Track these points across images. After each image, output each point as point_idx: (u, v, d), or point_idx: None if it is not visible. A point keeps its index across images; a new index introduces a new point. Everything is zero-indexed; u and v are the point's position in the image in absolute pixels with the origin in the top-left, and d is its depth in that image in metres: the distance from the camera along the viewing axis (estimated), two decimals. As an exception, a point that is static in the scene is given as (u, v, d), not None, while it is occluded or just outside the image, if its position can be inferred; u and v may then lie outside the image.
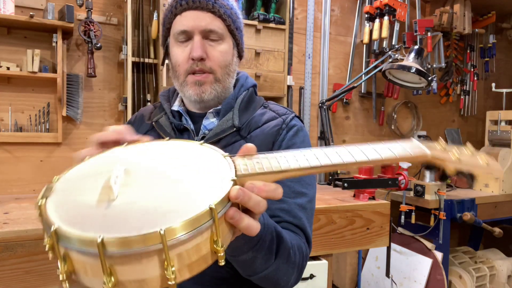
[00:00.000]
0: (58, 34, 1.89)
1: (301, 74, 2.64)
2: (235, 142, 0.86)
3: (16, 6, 1.86)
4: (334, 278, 2.66)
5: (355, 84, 2.43)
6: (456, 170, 0.57)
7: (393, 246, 2.50)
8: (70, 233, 0.41)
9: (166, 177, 0.51)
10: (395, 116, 2.96)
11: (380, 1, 2.56)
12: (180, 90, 0.89)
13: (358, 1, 2.79)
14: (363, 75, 2.58)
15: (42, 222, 0.46)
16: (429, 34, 2.63)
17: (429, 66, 2.84)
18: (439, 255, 2.36)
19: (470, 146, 0.61)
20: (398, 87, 2.77)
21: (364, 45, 2.77)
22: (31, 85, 1.98)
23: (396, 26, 2.68)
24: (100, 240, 0.39)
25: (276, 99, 2.21)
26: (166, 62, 0.94)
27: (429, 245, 2.41)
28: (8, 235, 1.22)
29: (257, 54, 2.16)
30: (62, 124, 1.99)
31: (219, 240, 0.45)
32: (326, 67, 2.70)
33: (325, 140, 2.50)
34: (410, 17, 2.81)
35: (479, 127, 3.38)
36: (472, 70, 3.20)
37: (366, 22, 2.69)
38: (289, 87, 2.37)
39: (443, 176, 1.67)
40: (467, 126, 3.35)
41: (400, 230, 2.56)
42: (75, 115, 2.02)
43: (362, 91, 2.83)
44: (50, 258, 0.43)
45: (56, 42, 1.90)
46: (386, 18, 2.57)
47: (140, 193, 0.48)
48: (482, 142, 2.95)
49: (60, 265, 0.42)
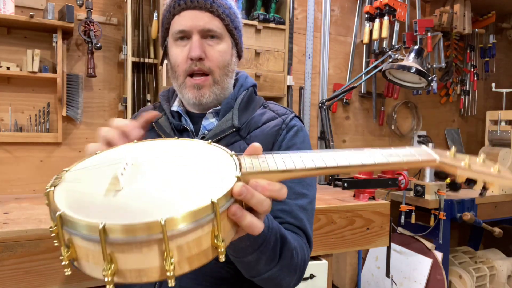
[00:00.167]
0: (58, 34, 1.89)
1: (301, 74, 2.64)
2: (234, 142, 0.86)
3: (16, 6, 1.85)
4: (334, 278, 2.66)
5: (355, 84, 2.43)
6: (466, 178, 0.56)
7: (393, 246, 2.50)
8: (74, 218, 0.42)
9: (172, 172, 0.53)
10: (395, 116, 2.96)
11: (380, 1, 2.56)
12: (179, 91, 0.89)
13: (358, 1, 2.79)
14: (363, 75, 2.58)
15: (49, 209, 0.47)
16: (429, 34, 2.63)
17: (429, 66, 2.84)
18: (439, 255, 2.36)
19: (482, 155, 0.60)
20: (398, 87, 2.77)
21: (364, 45, 2.77)
22: (31, 85, 1.98)
23: (396, 26, 2.68)
24: (102, 226, 0.40)
25: (276, 99, 2.21)
26: (165, 62, 0.94)
27: (429, 245, 2.41)
28: (8, 235, 1.22)
29: (257, 54, 2.16)
30: (62, 124, 1.99)
31: (220, 235, 0.45)
32: (326, 67, 2.70)
33: (325, 140, 2.50)
34: (410, 17, 2.81)
35: (479, 127, 3.37)
36: (472, 70, 3.20)
37: (366, 22, 2.69)
38: (289, 87, 2.37)
39: (452, 184, 1.64)
40: (467, 126, 3.35)
41: (400, 230, 2.56)
42: (75, 115, 2.02)
43: (362, 91, 2.83)
44: (56, 245, 0.44)
45: (56, 42, 1.90)
46: (386, 18, 2.57)
47: (146, 185, 0.49)
48: (482, 142, 2.95)
49: (63, 251, 0.43)
